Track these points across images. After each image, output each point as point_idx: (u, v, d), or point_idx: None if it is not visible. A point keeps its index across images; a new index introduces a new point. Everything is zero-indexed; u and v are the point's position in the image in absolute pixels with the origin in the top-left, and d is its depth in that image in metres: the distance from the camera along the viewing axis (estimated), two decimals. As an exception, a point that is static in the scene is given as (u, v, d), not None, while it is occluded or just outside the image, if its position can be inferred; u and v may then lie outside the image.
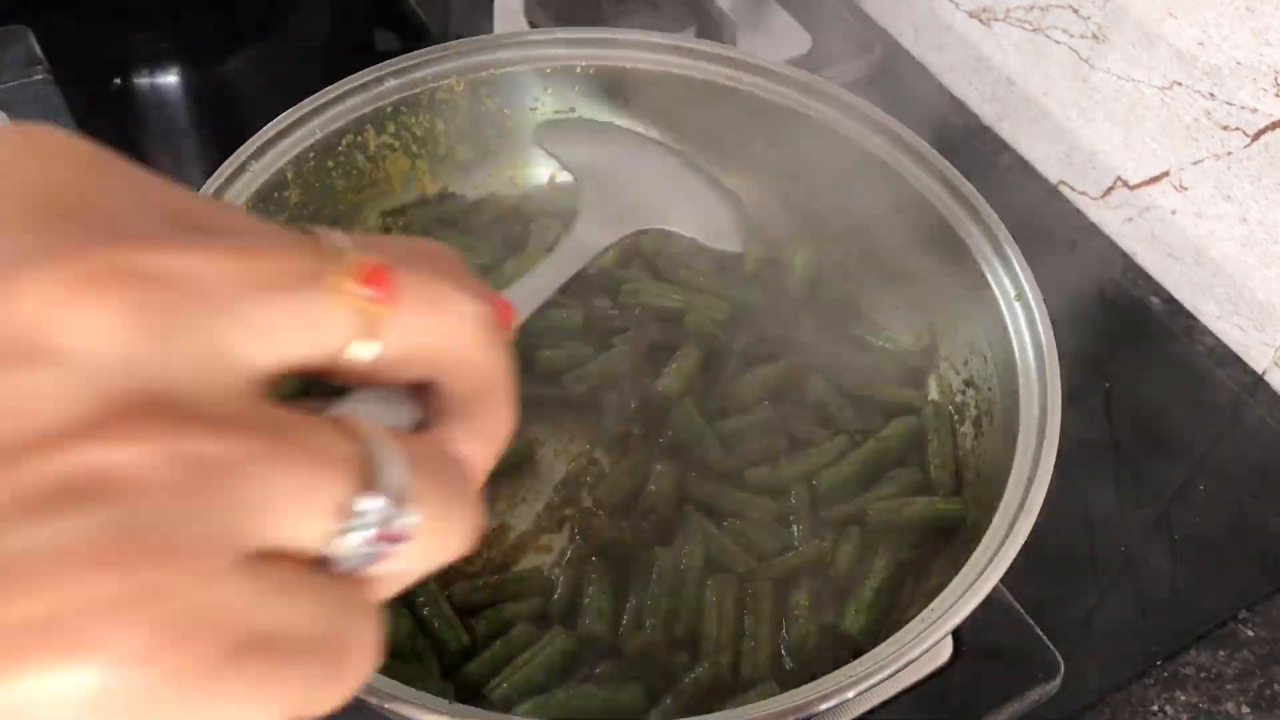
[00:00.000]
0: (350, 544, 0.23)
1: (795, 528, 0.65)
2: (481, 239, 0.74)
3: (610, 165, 0.64)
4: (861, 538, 0.64)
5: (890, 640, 0.51)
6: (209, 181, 0.64)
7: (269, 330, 0.23)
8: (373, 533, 0.23)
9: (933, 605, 0.52)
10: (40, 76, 0.80)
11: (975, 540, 0.55)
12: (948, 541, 0.64)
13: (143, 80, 0.90)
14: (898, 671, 0.49)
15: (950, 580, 0.53)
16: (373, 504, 0.23)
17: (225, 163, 0.65)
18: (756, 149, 0.75)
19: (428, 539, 0.24)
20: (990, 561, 0.52)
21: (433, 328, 0.26)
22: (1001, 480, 0.57)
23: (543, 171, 0.78)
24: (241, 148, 0.65)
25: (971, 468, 0.65)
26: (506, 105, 0.75)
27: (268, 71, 0.94)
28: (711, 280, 0.73)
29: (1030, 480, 0.56)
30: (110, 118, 0.89)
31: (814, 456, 0.66)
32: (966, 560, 0.53)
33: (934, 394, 0.70)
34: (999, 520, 0.55)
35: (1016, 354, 0.62)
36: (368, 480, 0.23)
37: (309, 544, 0.23)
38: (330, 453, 0.23)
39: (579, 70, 0.74)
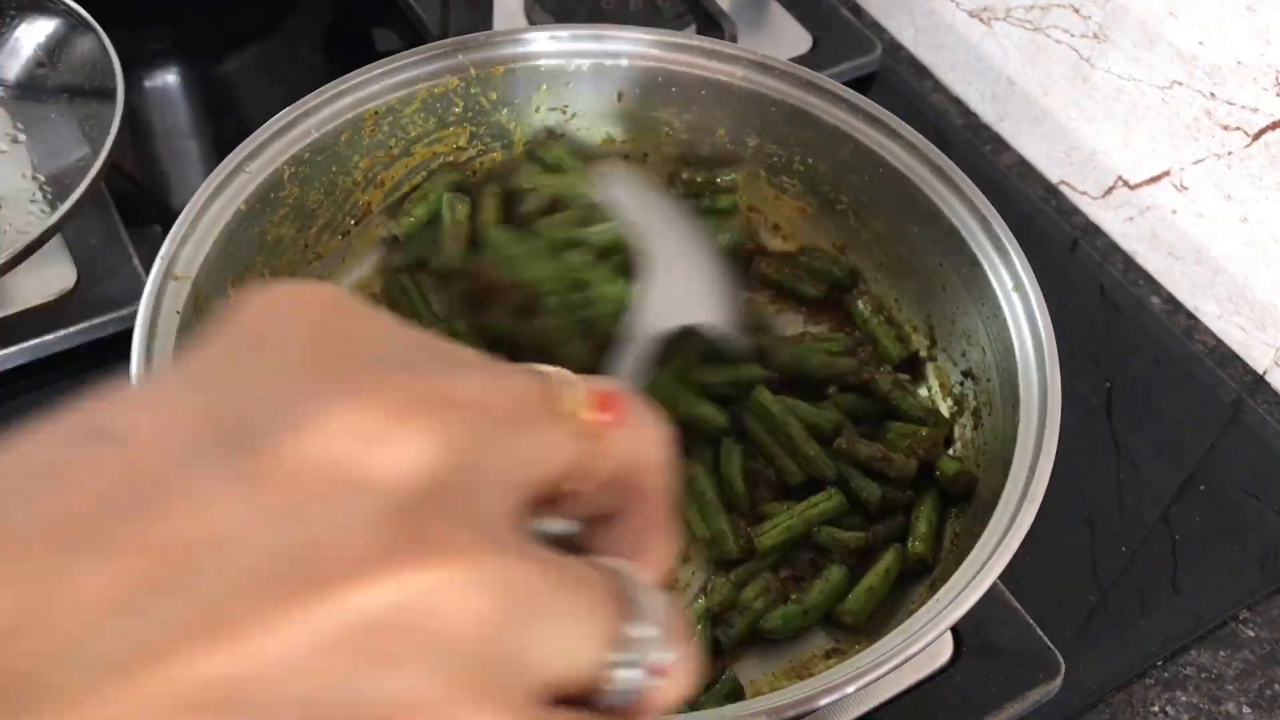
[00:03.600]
0: (624, 676, 0.23)
1: None
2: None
3: (675, 251, 0.65)
4: None
5: (892, 634, 0.50)
6: (207, 181, 0.64)
7: (528, 453, 0.24)
8: (642, 665, 0.23)
9: (937, 597, 0.52)
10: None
11: (976, 534, 0.55)
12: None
13: (143, 80, 0.90)
14: (899, 666, 0.49)
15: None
16: (644, 632, 0.23)
17: (223, 163, 0.64)
18: (752, 144, 0.75)
19: (676, 678, 0.24)
20: (993, 554, 0.52)
21: (643, 450, 0.27)
22: (1002, 472, 0.57)
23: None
24: (239, 148, 0.65)
25: (971, 460, 0.65)
26: (505, 104, 0.75)
27: (267, 71, 0.94)
28: None
29: (1032, 471, 0.55)
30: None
31: None
32: (969, 553, 0.53)
33: (933, 387, 0.70)
34: (1000, 512, 0.54)
35: (1015, 345, 0.62)
36: (630, 613, 0.24)
37: (586, 675, 0.23)
38: (599, 585, 0.23)
39: (578, 68, 0.74)
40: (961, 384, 0.68)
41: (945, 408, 0.69)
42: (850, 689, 0.48)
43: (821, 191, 0.74)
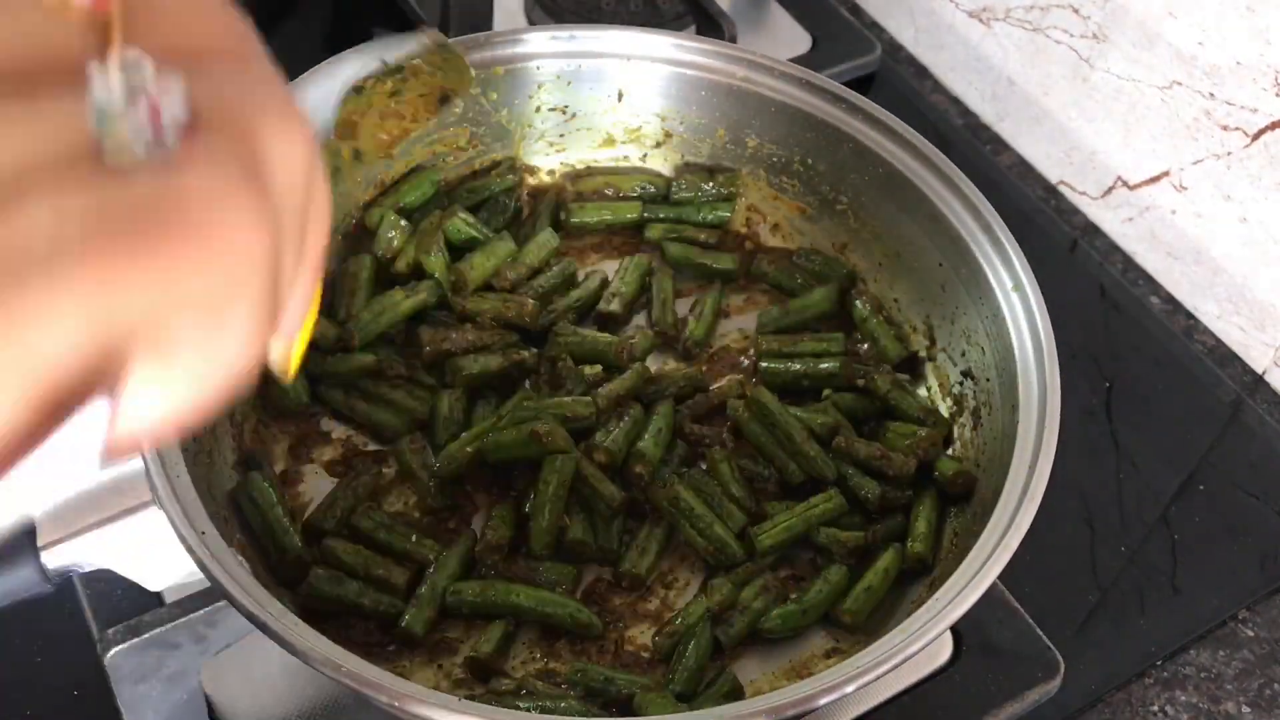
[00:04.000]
0: (115, 91, 0.22)
1: None
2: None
3: None
4: None
5: (891, 634, 0.50)
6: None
7: None
8: (140, 98, 0.22)
9: (936, 596, 0.52)
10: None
11: (976, 534, 0.55)
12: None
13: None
14: (898, 665, 0.49)
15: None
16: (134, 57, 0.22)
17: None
18: (750, 142, 0.75)
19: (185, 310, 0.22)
20: (992, 553, 0.52)
21: None
22: (1002, 471, 0.57)
23: (540, 167, 0.78)
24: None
25: (970, 459, 0.65)
26: (505, 104, 0.75)
27: (267, 71, 0.94)
28: None
29: (1031, 470, 0.55)
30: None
31: None
32: (968, 553, 0.53)
33: (932, 387, 0.70)
34: (1001, 511, 0.54)
35: (1014, 344, 0.62)
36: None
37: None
38: None
39: (578, 69, 0.74)
40: (961, 384, 0.68)
41: (944, 407, 0.69)
42: (850, 688, 0.48)
43: (821, 192, 0.74)
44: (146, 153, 0.22)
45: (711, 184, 0.76)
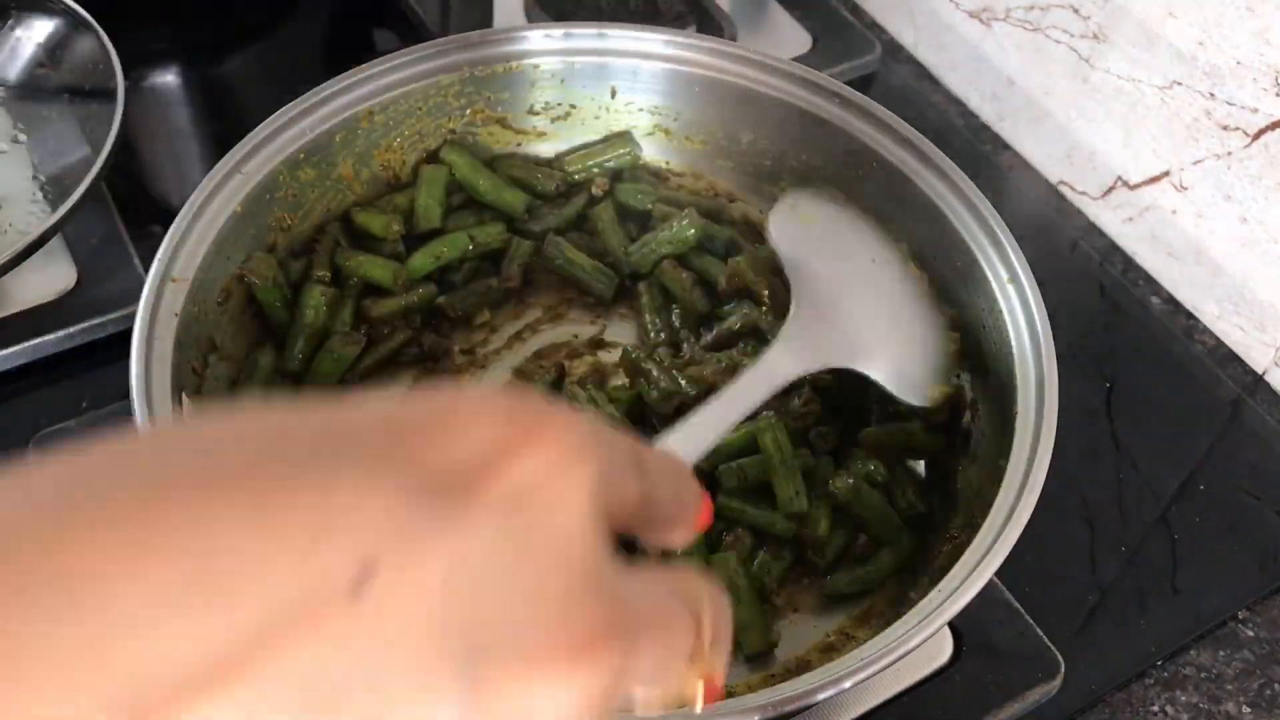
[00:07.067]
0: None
1: None
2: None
3: (833, 287, 0.61)
4: None
5: (890, 629, 0.50)
6: (204, 183, 0.64)
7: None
8: None
9: (939, 587, 0.51)
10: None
11: (976, 526, 0.54)
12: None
13: (143, 80, 0.90)
14: (897, 660, 0.48)
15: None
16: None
17: (218, 165, 0.64)
18: (746, 139, 0.75)
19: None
20: (991, 547, 0.52)
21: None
22: (1000, 464, 0.57)
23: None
24: (233, 150, 0.65)
25: (969, 453, 0.65)
26: (502, 104, 0.75)
27: (267, 71, 0.94)
28: None
29: (1030, 461, 0.55)
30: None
31: None
32: (967, 547, 0.53)
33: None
34: (1000, 504, 0.54)
35: (1011, 336, 0.62)
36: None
37: None
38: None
39: (575, 67, 0.74)
40: (958, 376, 0.68)
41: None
42: (848, 684, 0.47)
43: (815, 186, 0.74)
44: None
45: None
